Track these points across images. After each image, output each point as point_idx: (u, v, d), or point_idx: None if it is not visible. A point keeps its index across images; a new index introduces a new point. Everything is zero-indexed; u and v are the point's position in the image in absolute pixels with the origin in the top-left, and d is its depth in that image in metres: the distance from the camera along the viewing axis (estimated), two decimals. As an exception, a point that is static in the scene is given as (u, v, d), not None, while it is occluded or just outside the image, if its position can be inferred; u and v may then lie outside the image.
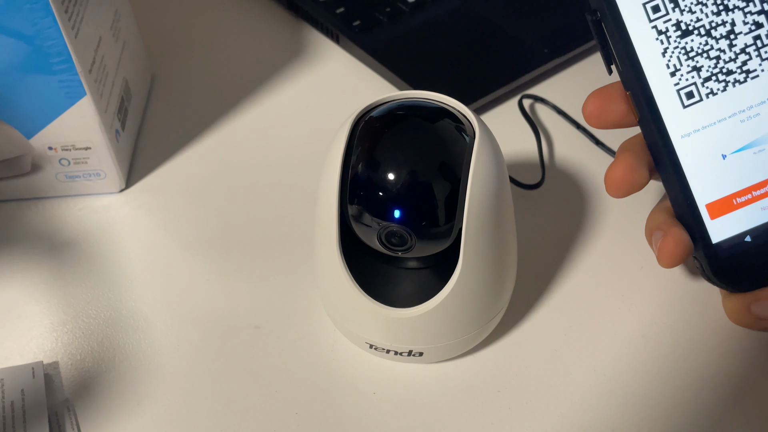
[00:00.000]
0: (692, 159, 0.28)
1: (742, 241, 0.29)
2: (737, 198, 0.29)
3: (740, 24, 0.28)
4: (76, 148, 0.37)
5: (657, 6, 0.28)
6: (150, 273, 0.36)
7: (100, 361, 0.32)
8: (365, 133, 0.28)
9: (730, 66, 0.28)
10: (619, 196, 0.29)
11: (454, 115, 0.28)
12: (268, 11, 0.52)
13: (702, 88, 0.28)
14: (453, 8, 0.48)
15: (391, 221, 0.26)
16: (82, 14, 0.35)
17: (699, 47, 0.28)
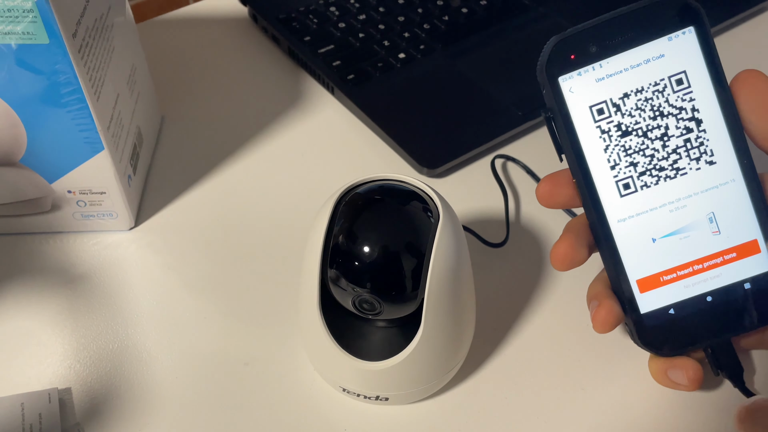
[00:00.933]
0: (626, 241, 0.33)
1: (666, 313, 0.33)
2: (663, 276, 0.33)
3: (673, 128, 0.32)
4: (92, 193, 0.41)
5: (602, 109, 0.32)
6: (154, 309, 0.40)
7: (108, 388, 0.37)
8: (347, 210, 0.32)
9: (663, 163, 0.32)
10: (561, 270, 0.34)
11: (422, 198, 0.32)
12: (270, 56, 0.56)
13: (637, 181, 0.33)
14: (439, 67, 0.53)
15: (364, 289, 0.31)
16: (103, 78, 0.39)
17: (636, 146, 0.32)
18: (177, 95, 0.53)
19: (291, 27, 0.56)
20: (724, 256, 0.33)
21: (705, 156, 0.32)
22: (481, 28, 0.56)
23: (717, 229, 0.33)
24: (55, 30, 0.34)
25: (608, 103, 0.32)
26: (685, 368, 0.34)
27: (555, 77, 0.32)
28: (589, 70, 0.32)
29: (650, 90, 0.32)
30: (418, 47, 0.54)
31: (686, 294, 0.33)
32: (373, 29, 0.55)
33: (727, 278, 0.33)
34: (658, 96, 0.32)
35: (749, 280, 0.33)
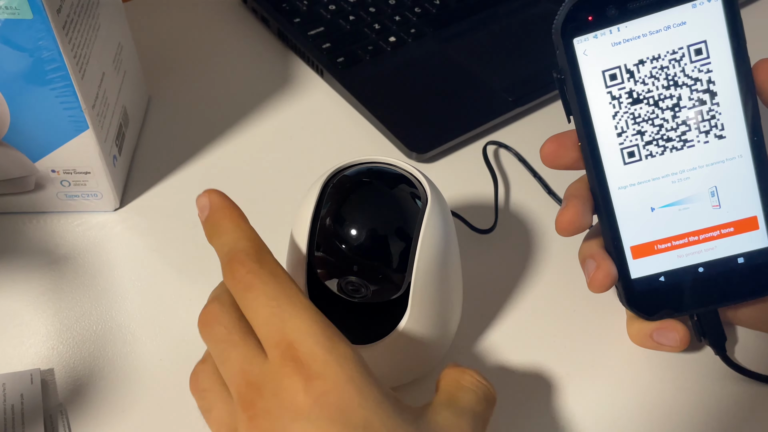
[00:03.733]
0: (625, 208, 0.33)
1: (656, 280, 0.34)
2: (658, 245, 0.33)
3: (686, 99, 0.32)
4: (76, 172, 0.41)
5: (614, 75, 0.32)
6: (138, 290, 0.40)
7: (92, 370, 0.36)
8: (334, 193, 0.32)
9: (671, 134, 0.32)
10: (566, 236, 0.34)
11: (410, 182, 0.32)
12: (259, 37, 0.55)
13: (643, 150, 0.32)
14: (430, 51, 0.52)
15: (350, 273, 0.31)
16: (88, 55, 0.38)
17: (646, 115, 0.32)
18: (164, 75, 0.52)
19: (281, 8, 0.55)
20: (721, 230, 0.33)
21: (715, 130, 0.32)
22: (472, 13, 0.55)
23: (717, 203, 0.33)
24: (39, 5, 0.33)
25: (622, 69, 0.32)
26: (674, 329, 0.34)
27: (570, 38, 0.31)
28: (606, 33, 0.31)
29: (667, 58, 0.31)
30: (409, 31, 0.53)
31: (678, 263, 0.34)
32: (363, 12, 0.55)
33: (722, 251, 0.33)
34: (675, 65, 0.31)
35: (743, 255, 0.33)
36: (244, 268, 0.27)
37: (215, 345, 0.27)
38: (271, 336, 0.26)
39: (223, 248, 0.29)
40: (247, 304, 0.27)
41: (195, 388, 0.29)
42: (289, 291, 0.27)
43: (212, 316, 0.28)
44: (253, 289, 0.27)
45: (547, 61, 0.51)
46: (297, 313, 0.26)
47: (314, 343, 0.25)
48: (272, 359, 0.26)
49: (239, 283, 0.27)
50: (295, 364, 0.25)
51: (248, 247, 0.28)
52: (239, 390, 0.26)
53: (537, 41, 0.53)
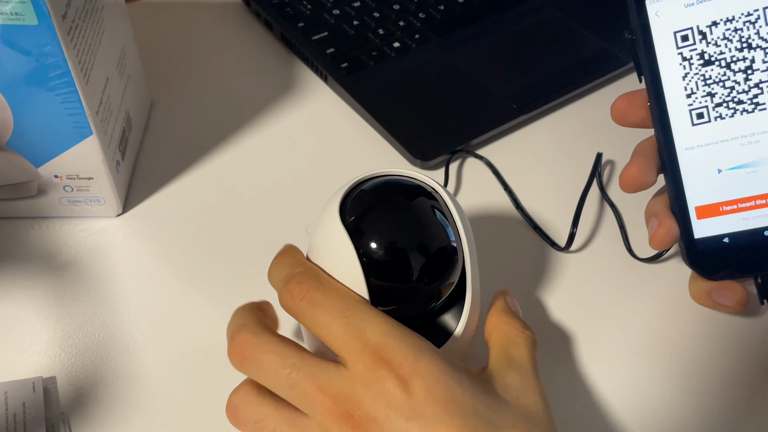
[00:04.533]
0: (691, 168, 0.33)
1: (720, 241, 0.34)
2: (724, 206, 0.34)
3: (759, 62, 0.32)
4: (79, 178, 0.41)
5: (686, 36, 0.32)
6: (141, 297, 0.40)
7: (94, 378, 0.36)
8: (368, 220, 0.30)
9: (742, 97, 0.32)
10: (629, 192, 0.34)
11: (429, 193, 0.32)
12: (263, 42, 0.55)
13: (712, 111, 0.33)
14: (434, 57, 0.52)
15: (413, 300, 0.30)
16: (92, 61, 0.38)
17: (717, 77, 0.32)
18: (167, 80, 0.52)
19: (284, 12, 0.55)
20: None
21: None
22: (477, 19, 0.55)
23: None
24: (44, 11, 0.33)
25: (694, 31, 0.32)
26: (733, 290, 0.35)
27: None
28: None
29: (741, 20, 0.31)
30: (413, 36, 0.53)
31: (744, 226, 0.34)
32: (367, 17, 0.55)
33: None
34: (749, 27, 0.31)
35: None
36: (304, 286, 0.28)
37: (273, 375, 0.28)
38: (353, 345, 0.27)
39: (278, 278, 0.30)
40: (317, 320, 0.28)
41: (243, 422, 0.29)
42: (355, 302, 0.28)
43: (252, 345, 0.28)
44: (321, 305, 0.28)
45: (552, 68, 0.51)
46: (371, 321, 0.27)
47: (399, 344, 0.26)
48: (358, 367, 0.26)
49: (302, 301, 0.28)
50: (388, 367, 0.26)
51: (304, 270, 0.29)
52: (326, 407, 0.26)
53: (542, 48, 0.53)
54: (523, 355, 0.31)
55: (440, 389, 0.26)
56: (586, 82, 0.51)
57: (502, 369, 0.30)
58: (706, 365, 0.37)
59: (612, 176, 0.46)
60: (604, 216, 0.44)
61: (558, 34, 0.54)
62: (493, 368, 0.30)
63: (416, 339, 0.27)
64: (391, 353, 0.26)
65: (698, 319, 0.39)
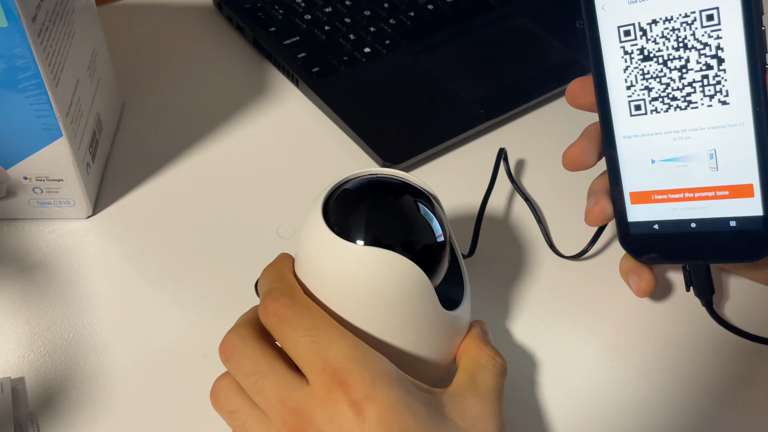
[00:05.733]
0: (628, 156, 0.35)
1: (650, 227, 0.36)
2: (655, 195, 0.35)
3: (693, 62, 0.33)
4: (49, 180, 0.41)
5: (628, 31, 0.33)
6: (110, 298, 0.40)
7: (63, 378, 0.36)
8: (356, 220, 0.31)
9: (676, 94, 0.34)
10: (570, 170, 0.37)
11: (415, 190, 0.32)
12: (234, 46, 0.56)
13: (648, 105, 0.34)
14: (405, 62, 0.53)
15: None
16: (62, 63, 0.38)
17: (654, 72, 0.34)
18: (138, 82, 0.52)
19: (256, 17, 0.56)
20: (716, 191, 0.34)
21: (719, 95, 0.33)
22: (446, 26, 0.56)
23: (716, 165, 0.34)
24: (14, 13, 0.33)
25: (636, 27, 0.33)
26: (640, 277, 0.37)
27: None
28: None
29: (679, 20, 0.32)
30: (384, 42, 0.54)
31: (673, 216, 0.35)
32: (339, 22, 0.55)
33: (715, 212, 0.34)
34: (686, 28, 0.32)
35: (736, 219, 0.34)
36: (278, 303, 0.30)
37: (244, 377, 0.29)
38: (315, 363, 0.28)
39: (262, 289, 0.32)
40: (286, 335, 0.29)
41: (221, 407, 0.31)
42: (324, 322, 0.29)
43: (232, 347, 0.30)
44: (290, 322, 0.29)
45: (519, 75, 0.52)
46: (336, 341, 0.28)
47: (359, 367, 0.27)
48: (317, 385, 0.27)
49: (274, 317, 0.30)
50: (344, 389, 0.27)
51: (281, 287, 0.31)
52: (283, 418, 0.28)
53: (509, 55, 0.54)
54: (488, 382, 0.31)
55: (393, 418, 0.26)
56: (551, 88, 0.52)
57: (464, 393, 0.30)
58: (667, 361, 0.38)
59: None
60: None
61: (525, 42, 0.55)
62: (455, 391, 0.30)
63: (379, 363, 0.28)
64: (349, 376, 0.27)
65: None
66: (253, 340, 0.30)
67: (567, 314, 0.40)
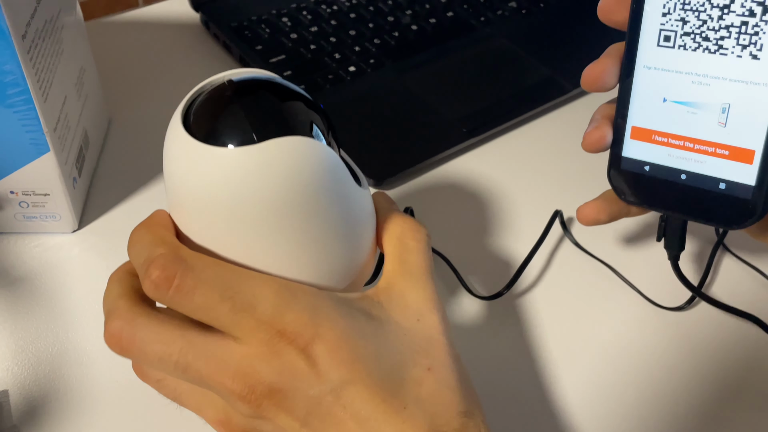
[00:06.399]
0: (642, 88, 0.34)
1: (641, 166, 0.35)
2: (656, 135, 0.34)
3: (738, 4, 0.31)
4: (35, 194, 0.41)
5: None
6: (95, 312, 0.40)
7: (47, 391, 0.36)
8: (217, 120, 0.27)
9: (710, 34, 0.32)
10: (589, 90, 0.35)
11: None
12: (221, 63, 0.56)
13: (678, 39, 0.32)
14: (389, 81, 0.54)
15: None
16: (51, 79, 0.39)
17: (695, 4, 0.32)
18: (125, 98, 0.53)
19: (243, 35, 0.56)
20: (717, 148, 0.33)
21: (752, 47, 0.31)
22: (429, 46, 0.57)
23: (725, 121, 0.32)
24: (4, 30, 0.34)
25: None
26: (589, 205, 0.38)
27: None
28: None
29: None
30: (369, 61, 0.55)
31: (666, 161, 0.34)
32: (324, 41, 0.56)
33: (708, 169, 0.33)
34: None
35: (726, 181, 0.33)
36: (169, 272, 0.25)
37: (160, 363, 0.26)
38: (243, 324, 0.25)
39: (138, 259, 0.27)
40: (196, 306, 0.26)
41: (146, 378, 0.29)
42: (233, 275, 0.26)
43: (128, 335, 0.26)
44: (195, 290, 0.25)
45: (501, 94, 0.53)
46: (257, 291, 0.26)
47: (292, 311, 0.25)
48: (254, 342, 0.25)
49: (170, 290, 0.25)
50: (286, 339, 0.25)
51: (165, 252, 0.26)
52: (226, 385, 0.25)
53: (491, 74, 0.55)
54: (419, 262, 0.30)
55: (343, 350, 0.25)
56: (532, 107, 0.53)
57: (399, 284, 0.29)
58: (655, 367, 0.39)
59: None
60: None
61: (506, 62, 0.57)
62: (389, 284, 0.29)
63: (309, 298, 0.26)
64: (287, 324, 0.25)
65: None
66: (147, 319, 0.26)
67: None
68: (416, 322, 0.28)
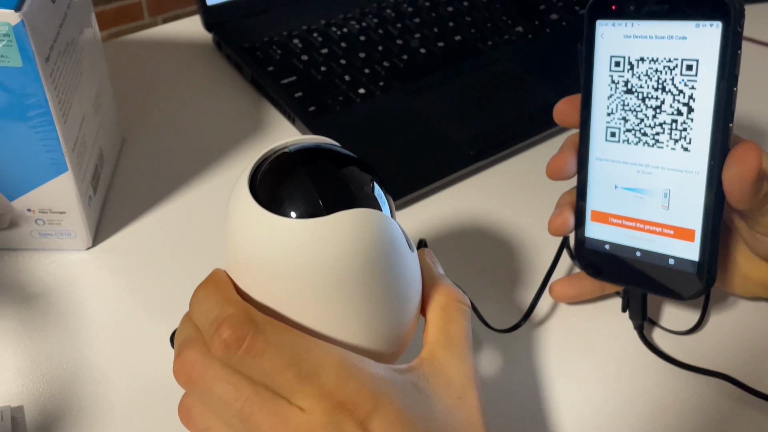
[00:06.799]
0: (596, 176, 0.38)
1: (602, 245, 0.39)
2: (612, 218, 0.38)
3: (667, 105, 0.35)
4: (52, 212, 0.42)
5: (618, 62, 0.36)
6: (109, 329, 0.41)
7: (61, 408, 0.37)
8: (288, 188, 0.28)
9: (647, 130, 0.36)
10: (552, 178, 0.39)
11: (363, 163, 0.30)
12: (233, 83, 0.57)
13: (621, 134, 0.37)
14: (397, 104, 0.55)
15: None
16: (71, 101, 0.40)
17: (632, 106, 0.36)
18: (138, 117, 0.53)
19: (255, 56, 0.57)
20: (663, 228, 0.37)
21: (683, 141, 0.35)
22: (437, 69, 0.58)
23: (667, 204, 0.36)
24: (29, 54, 0.35)
25: (625, 60, 0.36)
26: (569, 286, 0.42)
27: (594, 19, 0.36)
28: (622, 24, 0.35)
29: (662, 63, 0.35)
30: (378, 83, 0.56)
31: (623, 240, 0.38)
32: (335, 63, 0.57)
33: (658, 246, 0.37)
34: (667, 72, 0.35)
35: (674, 257, 0.37)
36: (241, 333, 0.26)
37: (223, 404, 0.26)
38: (306, 391, 0.26)
39: (205, 319, 0.27)
40: (264, 370, 0.26)
41: (194, 425, 0.28)
42: (301, 342, 0.26)
43: (201, 368, 0.27)
44: (264, 354, 0.26)
45: (507, 118, 0.54)
46: (323, 360, 0.26)
47: (354, 383, 0.26)
48: (316, 411, 0.26)
49: (241, 351, 0.26)
50: (346, 412, 0.26)
51: (235, 312, 0.27)
52: None
53: (498, 99, 0.56)
54: (461, 335, 0.30)
55: (398, 426, 0.26)
56: (538, 132, 0.54)
57: (442, 355, 0.30)
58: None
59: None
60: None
61: (513, 86, 0.58)
62: (433, 354, 0.30)
63: (370, 370, 0.27)
64: (348, 396, 0.26)
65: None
66: (222, 365, 0.27)
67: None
68: (458, 400, 0.29)
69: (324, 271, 0.27)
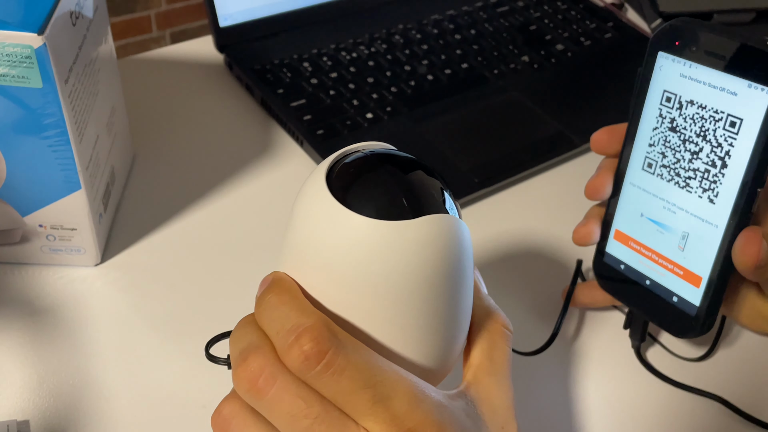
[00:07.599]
0: (626, 201, 0.40)
1: (618, 264, 0.41)
2: (632, 242, 0.40)
3: (704, 154, 0.36)
4: (63, 228, 0.43)
5: (670, 98, 0.37)
6: (116, 345, 0.41)
7: (67, 422, 0.37)
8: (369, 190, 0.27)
9: (681, 172, 0.37)
10: (590, 198, 0.41)
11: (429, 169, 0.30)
12: (243, 104, 0.58)
13: (657, 168, 0.38)
14: (404, 129, 0.56)
15: None
16: (87, 120, 0.41)
17: (673, 143, 0.37)
18: (149, 135, 0.54)
19: (265, 78, 0.58)
20: (675, 266, 0.38)
21: (710, 193, 0.36)
22: (444, 96, 0.59)
23: (683, 246, 0.38)
24: (50, 76, 0.36)
25: (676, 98, 0.36)
26: (582, 293, 0.44)
27: (657, 49, 0.37)
28: (681, 63, 0.36)
29: (709, 112, 0.35)
30: (385, 109, 0.57)
31: (637, 265, 0.40)
32: (343, 88, 0.58)
33: (666, 281, 0.39)
34: (712, 122, 0.35)
35: (678, 296, 0.38)
36: (322, 347, 0.25)
37: (291, 419, 0.25)
38: (377, 415, 0.25)
39: (280, 327, 0.26)
40: (339, 389, 0.25)
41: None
42: (378, 365, 0.26)
43: (270, 378, 0.25)
44: (344, 373, 0.25)
45: (512, 146, 0.55)
46: (398, 388, 0.25)
47: (423, 412, 0.25)
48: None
49: (321, 366, 0.25)
50: None
51: (315, 323, 0.25)
52: None
53: (503, 127, 0.57)
54: (504, 362, 0.30)
55: None
56: (542, 160, 0.55)
57: (486, 381, 0.30)
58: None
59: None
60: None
61: (518, 115, 0.59)
62: (477, 379, 0.30)
63: (436, 397, 0.27)
64: (417, 423, 0.25)
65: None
66: (292, 376, 0.25)
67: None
68: (501, 429, 0.29)
69: (405, 276, 0.26)
